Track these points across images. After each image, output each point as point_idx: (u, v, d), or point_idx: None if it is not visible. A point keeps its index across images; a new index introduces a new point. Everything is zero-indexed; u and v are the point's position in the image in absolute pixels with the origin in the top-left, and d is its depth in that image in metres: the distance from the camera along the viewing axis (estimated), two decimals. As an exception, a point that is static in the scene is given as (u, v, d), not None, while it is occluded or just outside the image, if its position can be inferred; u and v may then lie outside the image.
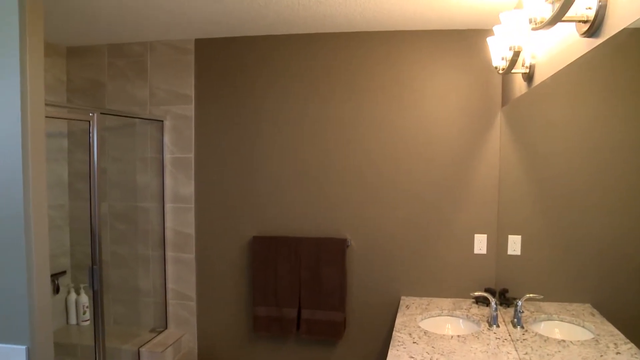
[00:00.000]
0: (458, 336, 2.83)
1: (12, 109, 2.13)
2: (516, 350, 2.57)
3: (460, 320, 3.25)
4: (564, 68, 1.95)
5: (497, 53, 2.74)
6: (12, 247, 2.19)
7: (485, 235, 3.49)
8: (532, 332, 2.41)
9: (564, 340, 1.99)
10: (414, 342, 2.73)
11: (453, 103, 3.47)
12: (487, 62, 3.38)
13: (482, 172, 3.46)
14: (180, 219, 3.95)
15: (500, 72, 2.69)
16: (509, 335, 2.81)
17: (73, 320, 4.15)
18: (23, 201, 2.16)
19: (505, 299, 3.08)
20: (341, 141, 3.64)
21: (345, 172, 3.65)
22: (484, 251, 3.50)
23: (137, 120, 3.95)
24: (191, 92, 3.86)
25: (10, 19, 2.11)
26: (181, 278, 3.99)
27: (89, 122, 3.19)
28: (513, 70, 2.59)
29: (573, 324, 1.85)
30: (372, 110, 3.58)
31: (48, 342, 2.29)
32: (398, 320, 3.12)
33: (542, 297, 2.30)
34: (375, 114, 3.58)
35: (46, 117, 2.27)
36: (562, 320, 2.00)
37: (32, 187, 2.18)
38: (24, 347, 2.20)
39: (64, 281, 4.15)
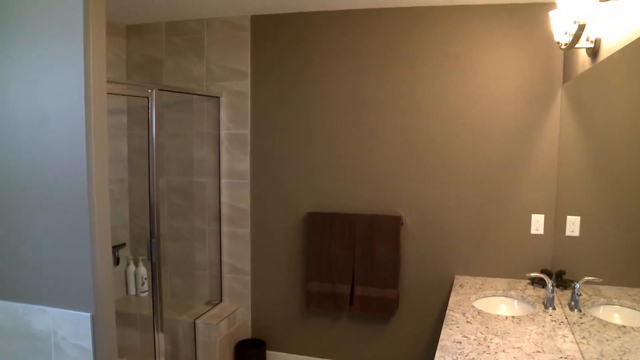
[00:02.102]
0: (512, 317, 2.79)
1: (76, 85, 2.20)
2: (573, 334, 2.52)
3: (515, 301, 3.21)
4: (633, 42, 1.87)
5: (560, 27, 2.64)
6: (76, 219, 2.27)
7: (543, 216, 3.41)
8: (590, 316, 2.35)
9: (624, 326, 1.93)
10: (467, 322, 2.71)
11: (512, 79, 3.38)
12: (548, 37, 3.27)
13: (541, 151, 3.37)
14: (235, 194, 4.01)
15: (563, 47, 2.60)
16: (566, 318, 2.75)
17: (132, 291, 4.29)
18: (87, 175, 2.23)
19: (562, 281, 3.01)
20: (397, 118, 3.61)
21: (402, 149, 3.62)
22: (541, 231, 3.43)
23: (194, 96, 4.01)
24: (247, 68, 3.89)
25: (75, -1, 2.17)
26: (236, 252, 4.06)
27: (148, 98, 3.26)
28: (576, 45, 2.50)
29: (635, 309, 1.79)
30: (429, 86, 3.53)
31: (110, 310, 2.38)
32: (452, 299, 3.10)
33: (601, 280, 2.24)
34: (431, 90, 3.53)
35: (107, 93, 2.33)
36: (622, 305, 1.95)
37: (94, 161, 2.24)
38: (88, 314, 2.29)
39: (123, 253, 4.28)
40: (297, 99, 3.81)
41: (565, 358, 2.23)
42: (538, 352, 2.31)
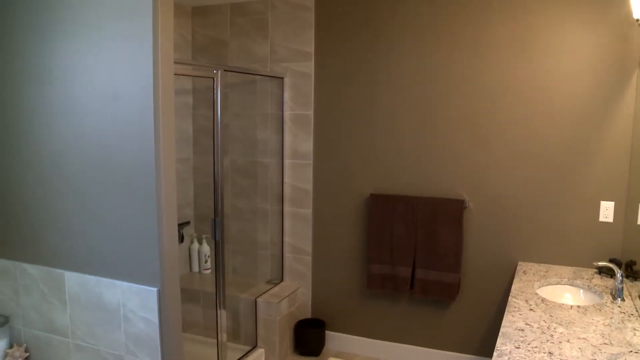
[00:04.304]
0: (578, 307, 2.71)
1: (145, 66, 2.25)
2: (644, 326, 2.43)
3: (581, 291, 3.11)
4: None
5: (640, 4, 2.52)
6: (144, 197, 2.34)
7: (613, 203, 3.28)
8: (664, 308, 2.25)
9: (702, 318, 1.84)
10: (530, 309, 2.65)
11: (584, 59, 3.25)
12: (625, 15, 3.12)
13: (613, 135, 3.23)
14: (298, 174, 4.04)
15: (642, 25, 2.47)
16: (636, 310, 2.65)
17: (195, 268, 4.40)
18: (154, 154, 2.29)
19: (632, 271, 2.90)
20: (462, 100, 3.54)
21: (466, 132, 3.55)
22: (610, 219, 3.31)
23: (257, 77, 4.05)
24: (311, 49, 3.89)
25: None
26: (298, 232, 4.10)
27: (213, 79, 3.30)
28: (658, 24, 2.37)
29: None
30: (496, 67, 3.44)
31: (176, 285, 2.45)
32: (514, 286, 3.03)
33: (677, 271, 2.14)
34: (499, 71, 3.43)
35: (174, 74, 2.37)
36: (700, 297, 1.86)
37: (162, 141, 2.30)
38: (155, 288, 2.36)
39: (187, 231, 4.39)
40: (361, 81, 3.78)
41: (636, 352, 2.15)
42: (605, 344, 2.24)
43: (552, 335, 2.32)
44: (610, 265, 2.92)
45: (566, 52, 3.28)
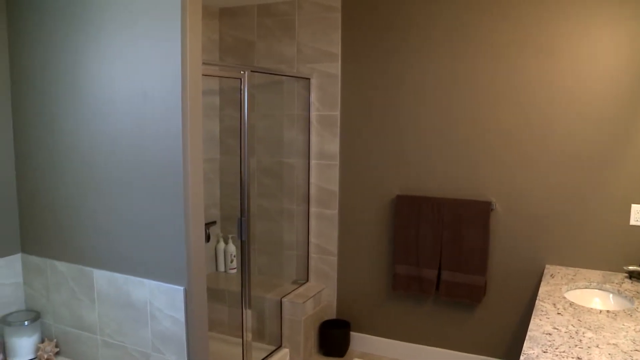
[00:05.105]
0: (607, 311, 2.66)
1: (174, 66, 2.27)
2: (677, 332, 2.37)
3: (610, 295, 3.06)
4: None
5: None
6: (172, 197, 2.36)
7: (645, 206, 3.23)
8: (698, 314, 2.20)
9: None
10: (558, 313, 2.62)
11: (617, 58, 3.19)
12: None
13: (646, 137, 3.18)
14: (324, 175, 4.04)
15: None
16: (668, 315, 2.60)
17: (221, 268, 4.43)
18: (182, 153, 2.31)
19: (665, 276, 2.85)
20: (490, 100, 3.50)
21: (494, 133, 3.52)
22: (641, 223, 3.25)
23: (284, 77, 4.06)
24: (337, 50, 3.89)
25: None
26: (323, 233, 4.10)
27: (240, 79, 3.32)
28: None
29: None
30: (524, 67, 3.40)
31: (202, 284, 2.47)
32: (542, 289, 3.00)
33: None
34: (527, 70, 3.39)
35: (202, 74, 2.39)
36: None
37: (190, 141, 2.32)
38: (182, 287, 2.39)
39: (214, 231, 4.42)
40: (387, 81, 3.77)
41: (668, 358, 2.11)
42: (637, 350, 2.19)
43: (580, 340, 2.28)
44: (641, 269, 2.87)
45: (597, 52, 3.23)
